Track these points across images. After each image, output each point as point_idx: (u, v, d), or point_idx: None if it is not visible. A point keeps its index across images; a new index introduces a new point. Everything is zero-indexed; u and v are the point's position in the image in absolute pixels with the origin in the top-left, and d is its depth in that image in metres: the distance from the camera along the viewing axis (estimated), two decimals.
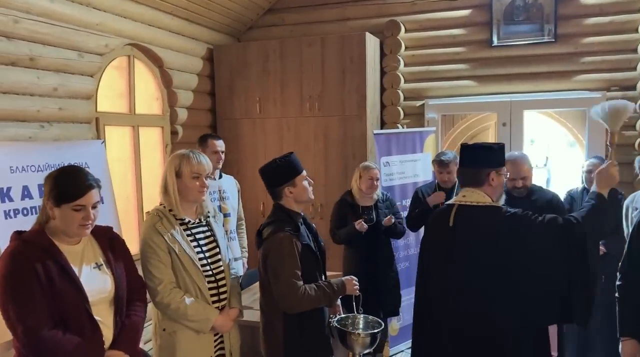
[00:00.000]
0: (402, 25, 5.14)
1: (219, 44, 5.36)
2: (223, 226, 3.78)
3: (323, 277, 2.58)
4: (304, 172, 2.55)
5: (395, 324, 4.56)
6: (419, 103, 5.25)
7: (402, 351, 4.56)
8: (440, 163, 3.97)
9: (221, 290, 2.48)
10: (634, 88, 4.54)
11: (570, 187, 4.10)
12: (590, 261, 2.16)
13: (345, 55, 4.81)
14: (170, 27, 4.64)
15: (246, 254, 4.16)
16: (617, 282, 2.44)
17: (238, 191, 4.12)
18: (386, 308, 4.00)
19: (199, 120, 5.19)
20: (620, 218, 3.11)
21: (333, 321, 2.52)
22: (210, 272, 2.44)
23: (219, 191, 3.86)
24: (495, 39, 4.91)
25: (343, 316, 2.63)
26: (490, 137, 5.83)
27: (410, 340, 4.21)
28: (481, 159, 2.39)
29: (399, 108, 5.24)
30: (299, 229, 2.46)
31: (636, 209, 3.26)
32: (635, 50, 4.53)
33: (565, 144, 5.76)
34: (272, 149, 5.10)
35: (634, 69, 4.53)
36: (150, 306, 2.32)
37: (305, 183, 2.53)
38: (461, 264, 2.29)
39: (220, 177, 3.95)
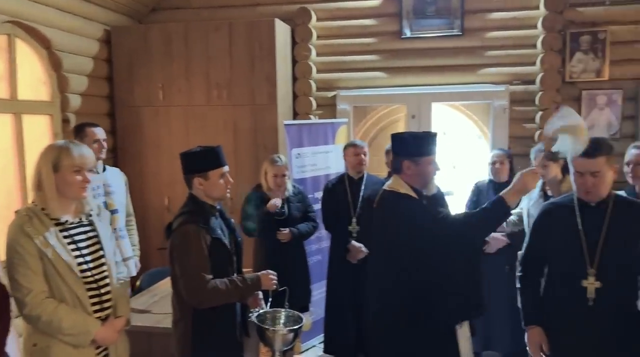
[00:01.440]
0: (313, 13, 5.01)
1: (117, 25, 4.94)
2: (110, 224, 3.50)
3: (236, 274, 2.48)
4: (224, 169, 2.45)
5: (307, 319, 4.45)
6: (331, 94, 5.16)
7: (314, 345, 4.48)
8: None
9: (104, 298, 2.22)
10: (533, 82, 4.72)
11: (477, 180, 4.17)
12: (476, 261, 2.40)
13: (255, 42, 4.60)
14: (59, 4, 4.19)
15: (138, 252, 3.89)
16: (518, 274, 2.47)
17: (126, 185, 3.83)
18: (296, 303, 3.87)
19: (95, 108, 4.77)
20: None
21: (252, 317, 2.42)
22: (91, 279, 2.16)
23: (104, 185, 3.54)
24: (405, 31, 4.91)
25: (262, 311, 2.54)
26: (400, 129, 5.86)
27: (323, 334, 4.20)
28: (396, 149, 2.57)
29: (312, 99, 5.12)
30: (210, 222, 2.38)
31: (530, 200, 3.36)
32: (535, 46, 4.71)
33: (473, 136, 5.92)
34: (177, 139, 4.79)
35: (534, 63, 4.71)
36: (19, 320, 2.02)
37: (221, 180, 2.44)
38: (373, 245, 2.65)
39: (104, 170, 3.62)
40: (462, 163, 5.91)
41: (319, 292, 4.43)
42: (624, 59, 4.61)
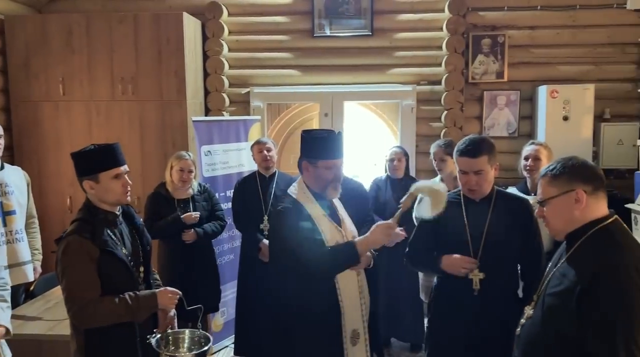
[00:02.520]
0: (224, 8, 4.93)
1: (12, 14, 4.62)
2: (5, 225, 3.27)
3: (142, 286, 2.22)
4: (121, 169, 2.17)
5: (219, 320, 4.39)
6: (244, 90, 5.10)
7: (227, 346, 4.41)
8: None
9: None
10: (439, 83, 4.91)
11: (376, 176, 4.27)
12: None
13: (162, 35, 4.46)
14: None
15: (40, 257, 3.65)
16: (406, 260, 2.57)
17: (28, 185, 3.59)
18: (205, 304, 3.79)
19: None
20: None
21: (152, 340, 2.11)
22: None
23: (1, 184, 3.30)
24: (316, 29, 4.95)
25: (163, 332, 2.21)
26: (314, 127, 5.91)
27: (234, 336, 4.15)
28: (301, 146, 2.40)
29: (224, 95, 5.04)
30: (101, 233, 2.11)
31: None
32: (440, 47, 4.89)
33: (382, 134, 6.07)
34: (80, 135, 4.56)
35: (440, 64, 4.90)
36: None
37: (114, 183, 2.15)
38: None
39: (2, 168, 3.38)
40: (381, 161, 6.03)
41: (232, 292, 4.36)
42: (521, 62, 4.90)
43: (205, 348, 2.16)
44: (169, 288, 2.21)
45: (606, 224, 1.69)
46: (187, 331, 2.29)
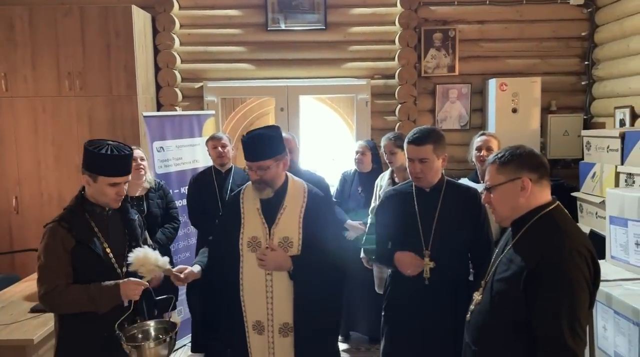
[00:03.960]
0: (175, 1, 4.83)
1: None
2: None
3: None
4: (119, 180, 2.21)
5: (175, 318, 4.31)
6: (197, 85, 5.02)
7: (185, 344, 4.34)
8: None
9: None
10: (393, 77, 4.96)
11: (345, 170, 4.30)
12: None
13: (110, 29, 4.33)
14: None
15: None
16: (364, 253, 2.59)
17: None
18: (162, 303, 3.73)
19: None
20: None
21: (119, 333, 2.09)
22: None
23: None
24: (270, 23, 4.91)
25: (130, 326, 2.20)
26: (271, 122, 5.89)
27: (191, 334, 4.09)
28: None
29: (177, 89, 4.94)
30: (81, 225, 2.20)
31: (381, 187, 3.54)
32: (393, 42, 4.95)
33: (339, 128, 6.11)
34: (25, 132, 4.39)
35: (393, 59, 4.95)
36: None
37: (109, 189, 2.20)
38: None
39: None
40: (339, 155, 6.08)
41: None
42: (471, 56, 5.01)
43: (171, 334, 2.15)
44: (132, 279, 2.18)
45: (549, 210, 1.75)
46: (152, 322, 2.27)
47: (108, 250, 2.25)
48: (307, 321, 2.28)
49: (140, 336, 2.21)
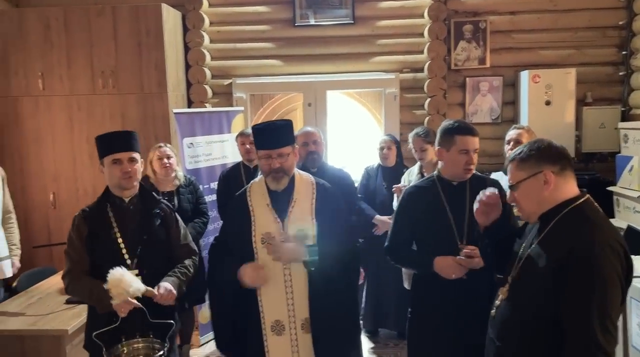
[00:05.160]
0: None
1: None
2: None
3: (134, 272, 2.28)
4: (118, 155, 2.30)
5: (206, 312, 4.38)
6: (227, 81, 5.07)
7: (211, 339, 4.40)
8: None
9: None
10: (422, 70, 4.90)
11: (367, 165, 4.28)
12: None
13: (141, 27, 4.41)
14: None
15: (18, 252, 3.63)
16: (387, 255, 2.54)
17: (2, 180, 3.55)
18: (191, 296, 3.80)
19: None
20: None
21: (105, 351, 2.09)
22: None
23: None
24: (298, 18, 4.92)
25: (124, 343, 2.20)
26: (298, 117, 5.90)
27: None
28: None
29: (207, 86, 5.00)
30: (98, 214, 2.33)
31: (409, 182, 3.50)
32: (422, 34, 4.88)
33: (367, 123, 6.08)
34: (61, 130, 4.53)
35: (422, 52, 4.89)
36: None
37: (113, 168, 2.30)
38: None
39: None
40: (364, 150, 6.05)
41: None
42: (503, 48, 4.90)
43: (160, 353, 2.14)
44: (130, 300, 2.16)
45: (578, 204, 1.70)
46: (141, 340, 2.22)
47: (120, 240, 2.31)
48: (323, 314, 2.25)
49: (124, 354, 2.18)
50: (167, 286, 2.25)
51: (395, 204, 3.64)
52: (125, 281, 2.14)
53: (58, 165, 4.57)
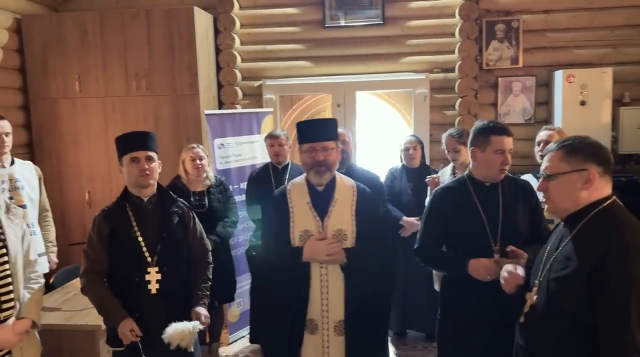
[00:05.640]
0: (235, 1, 4.95)
1: (29, 13, 4.71)
2: None
3: (146, 274, 2.36)
4: (136, 154, 2.38)
5: (235, 310, 4.44)
6: (257, 83, 5.12)
7: (244, 336, 4.46)
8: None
9: (4, 299, 2.13)
10: (453, 70, 4.85)
11: (391, 166, 4.25)
12: None
13: (173, 30, 4.50)
14: None
15: (54, 249, 3.74)
16: (417, 257, 2.52)
17: (39, 179, 3.66)
18: (220, 295, 3.85)
19: (6, 101, 4.54)
20: None
21: None
22: None
23: (10, 180, 3.40)
24: (328, 20, 4.93)
25: None
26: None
27: (249, 325, 4.19)
28: None
29: (237, 88, 5.06)
30: (117, 213, 2.38)
31: (443, 183, 3.47)
32: (453, 34, 4.83)
33: (397, 123, 6.05)
34: (96, 131, 4.65)
35: (453, 52, 4.84)
36: None
37: (131, 166, 2.37)
38: None
39: (12, 163, 3.46)
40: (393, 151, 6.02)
41: (247, 283, 4.41)
42: (536, 47, 4.81)
43: None
44: (134, 325, 2.30)
45: (607, 205, 1.66)
46: None
47: (140, 238, 2.38)
48: (358, 317, 2.25)
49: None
50: (205, 313, 2.45)
51: (427, 201, 3.61)
52: (185, 330, 2.26)
53: (93, 166, 4.70)
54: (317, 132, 2.28)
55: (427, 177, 3.67)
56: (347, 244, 2.28)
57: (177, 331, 2.25)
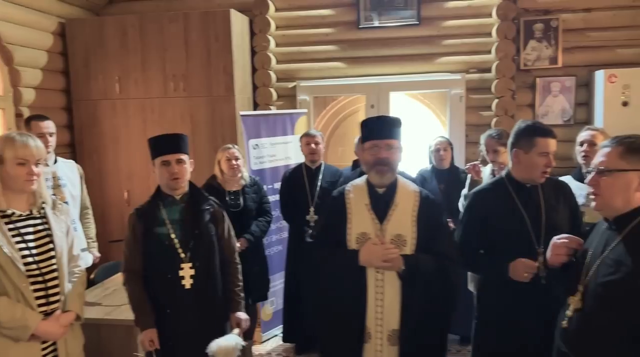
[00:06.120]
0: (271, 3, 5.00)
1: (72, 17, 4.87)
2: None
3: (179, 270, 2.44)
4: (167, 157, 2.46)
5: (268, 309, 4.48)
6: (291, 84, 5.16)
7: (276, 335, 4.49)
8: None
9: (51, 292, 2.20)
10: (489, 70, 4.78)
11: (421, 167, 4.22)
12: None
13: (210, 33, 4.57)
14: None
15: (95, 245, 3.86)
16: (460, 260, 2.47)
17: (81, 177, 3.78)
18: (254, 293, 3.89)
19: (50, 102, 4.70)
20: None
21: None
22: (37, 272, 2.14)
23: (53, 177, 3.50)
24: (362, 20, 4.93)
25: None
26: (360, 119, 5.90)
27: (282, 324, 4.22)
28: None
29: (272, 89, 5.11)
30: (150, 212, 2.46)
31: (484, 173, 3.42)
32: (490, 34, 4.76)
33: (431, 124, 5.98)
34: (135, 132, 4.76)
35: (489, 52, 4.77)
36: None
37: (162, 169, 2.46)
38: None
39: (55, 162, 3.58)
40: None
41: (280, 282, 4.44)
42: (576, 47, 4.69)
43: None
44: (154, 336, 2.42)
45: None
46: None
47: (173, 235, 2.45)
48: (413, 328, 2.15)
49: None
50: (246, 317, 2.59)
51: (459, 202, 3.56)
52: (229, 346, 2.33)
53: (132, 165, 4.82)
54: (382, 129, 2.21)
55: (468, 164, 3.61)
56: (407, 250, 2.17)
57: (222, 347, 2.30)
